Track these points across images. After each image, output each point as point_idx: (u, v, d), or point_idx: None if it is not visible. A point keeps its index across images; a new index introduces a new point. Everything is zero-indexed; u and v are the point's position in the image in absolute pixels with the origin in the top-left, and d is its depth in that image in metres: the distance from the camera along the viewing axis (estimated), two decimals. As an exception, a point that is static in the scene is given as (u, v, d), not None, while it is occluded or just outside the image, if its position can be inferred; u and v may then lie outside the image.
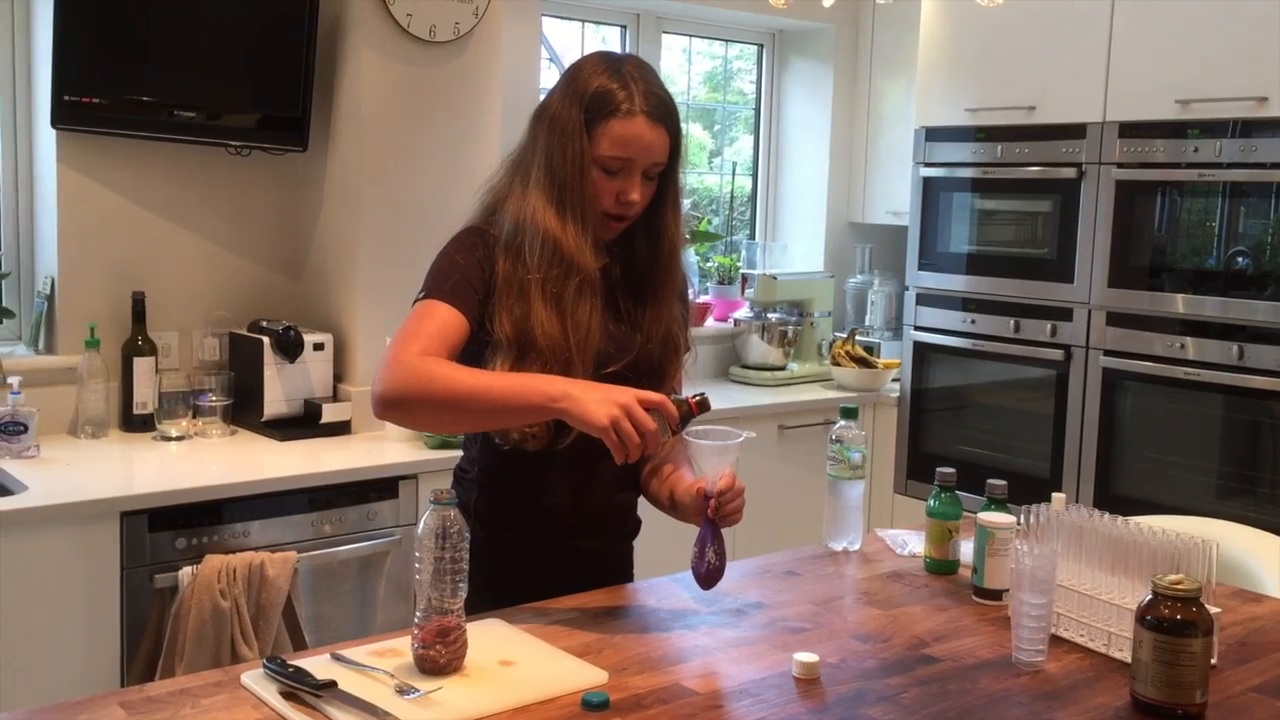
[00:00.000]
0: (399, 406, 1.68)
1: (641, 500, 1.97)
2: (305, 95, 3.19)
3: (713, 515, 1.71)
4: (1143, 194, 3.44)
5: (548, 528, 1.86)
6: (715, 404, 1.71)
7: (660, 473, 1.89)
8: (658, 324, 1.86)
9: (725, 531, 1.74)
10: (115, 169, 3.11)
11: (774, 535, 3.72)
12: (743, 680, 1.55)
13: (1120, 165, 3.47)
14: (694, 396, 1.67)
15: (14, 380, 2.81)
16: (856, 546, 2.12)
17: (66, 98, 2.90)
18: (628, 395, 1.60)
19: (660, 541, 2.08)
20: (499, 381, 1.68)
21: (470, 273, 1.76)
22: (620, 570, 1.98)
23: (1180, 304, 3.36)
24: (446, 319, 1.72)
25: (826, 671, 1.57)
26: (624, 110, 1.74)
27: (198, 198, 3.24)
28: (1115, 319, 3.51)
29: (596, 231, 1.80)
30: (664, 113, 1.77)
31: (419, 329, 1.71)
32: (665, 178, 1.83)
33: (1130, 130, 3.45)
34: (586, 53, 1.84)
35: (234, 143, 3.21)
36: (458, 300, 1.74)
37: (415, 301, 1.77)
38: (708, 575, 1.72)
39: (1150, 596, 1.49)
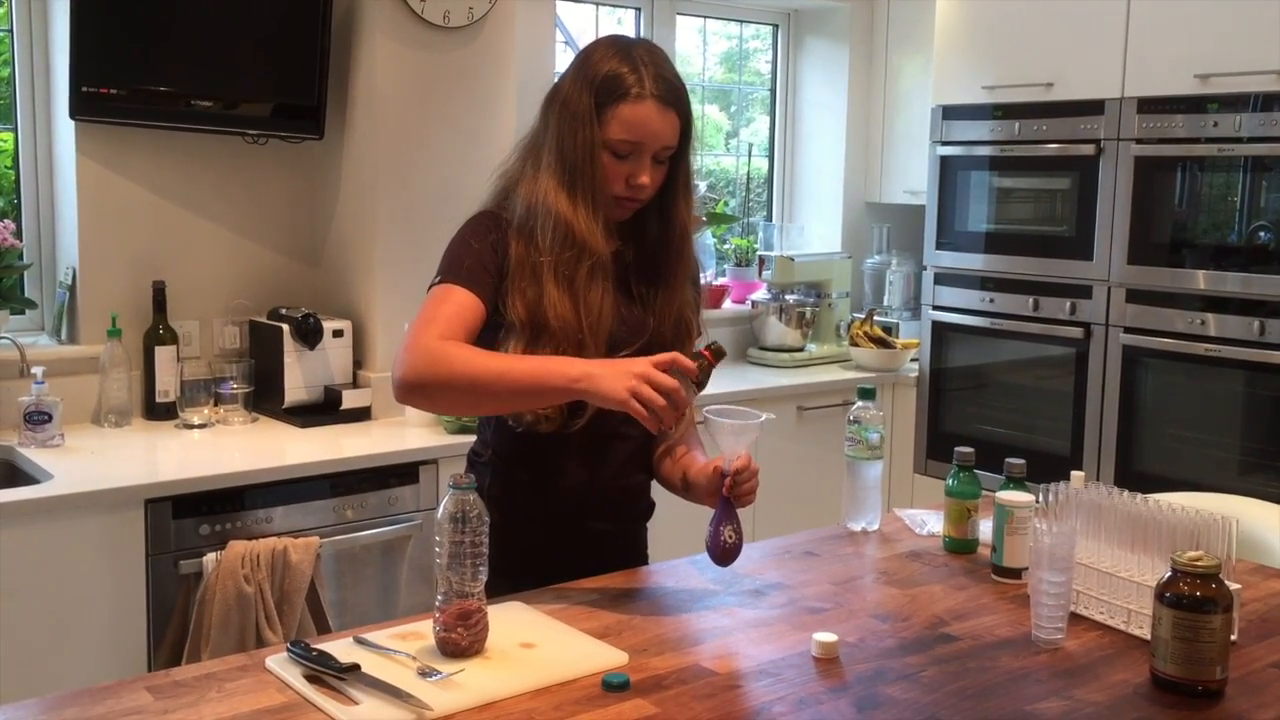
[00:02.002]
0: (420, 391, 1.69)
1: (654, 483, 1.98)
2: (321, 83, 3.19)
3: (728, 493, 1.71)
4: (1162, 170, 3.42)
5: (562, 510, 1.87)
6: (734, 386, 1.72)
7: (673, 454, 1.90)
8: (670, 307, 1.87)
9: (741, 514, 1.75)
10: (134, 159, 3.12)
11: (792, 516, 3.72)
12: (762, 660, 1.55)
13: (1139, 141, 3.44)
14: (707, 346, 1.67)
15: (38, 370, 2.84)
16: (875, 526, 2.12)
17: (85, 89, 2.92)
18: (641, 363, 1.61)
19: (675, 524, 2.08)
20: (518, 364, 1.69)
21: (485, 256, 1.77)
22: (635, 552, 1.99)
23: (1201, 280, 3.34)
24: (463, 303, 1.73)
25: (846, 651, 1.58)
26: (634, 94, 1.74)
27: (216, 187, 3.26)
28: (1135, 296, 3.49)
29: (608, 214, 1.81)
30: (674, 96, 1.78)
31: (436, 314, 1.72)
32: (676, 162, 1.83)
33: (1149, 106, 3.42)
34: (599, 36, 1.84)
35: (251, 131, 3.22)
36: (473, 284, 1.75)
37: (431, 286, 1.78)
38: (724, 552, 1.72)
39: (1170, 573, 1.49)
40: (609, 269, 1.79)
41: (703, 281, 2.03)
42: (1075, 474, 1.88)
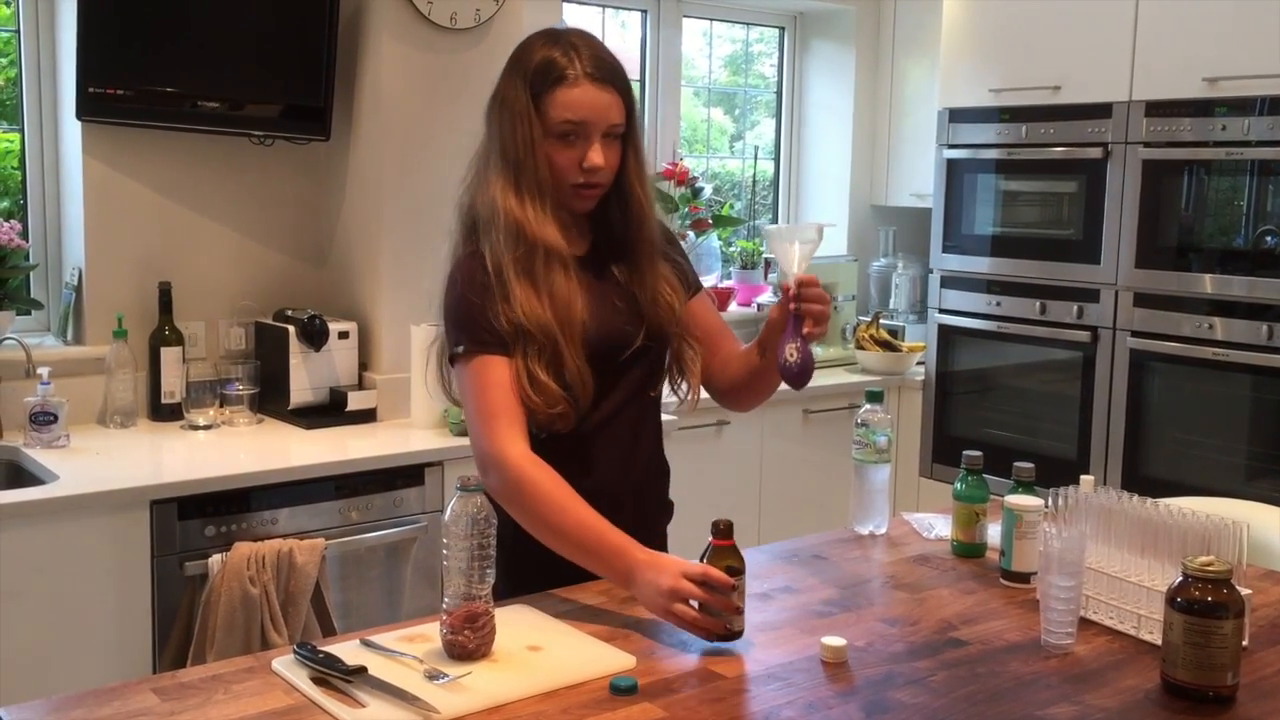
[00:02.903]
0: (504, 508, 1.72)
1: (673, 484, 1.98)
2: (327, 84, 3.19)
3: (792, 307, 1.72)
4: (1169, 173, 3.41)
5: None
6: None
7: (729, 367, 1.97)
8: (645, 288, 1.86)
9: (746, 517, 1.73)
10: (140, 160, 3.12)
11: (800, 519, 3.72)
12: (770, 664, 1.55)
13: (1147, 144, 3.44)
14: (726, 567, 1.58)
15: (43, 371, 2.84)
16: (883, 530, 2.11)
17: (91, 89, 2.92)
18: (670, 578, 1.57)
19: (692, 526, 2.07)
20: (575, 534, 1.69)
21: (490, 306, 1.76)
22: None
23: (1208, 284, 3.33)
24: (503, 376, 1.74)
25: (854, 655, 1.57)
26: (570, 76, 1.74)
27: (222, 188, 3.26)
28: (1142, 300, 3.48)
29: (571, 205, 1.81)
30: (610, 74, 1.77)
31: (490, 402, 1.73)
32: (625, 141, 1.81)
33: (1157, 109, 3.41)
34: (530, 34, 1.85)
35: (257, 132, 3.22)
36: (498, 344, 1.75)
37: (457, 354, 1.78)
38: (793, 373, 1.72)
39: (1181, 578, 1.48)
40: (567, 260, 1.78)
41: (708, 282, 2.02)
42: (1085, 478, 1.87)
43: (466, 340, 1.77)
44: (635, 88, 4.27)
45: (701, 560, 1.59)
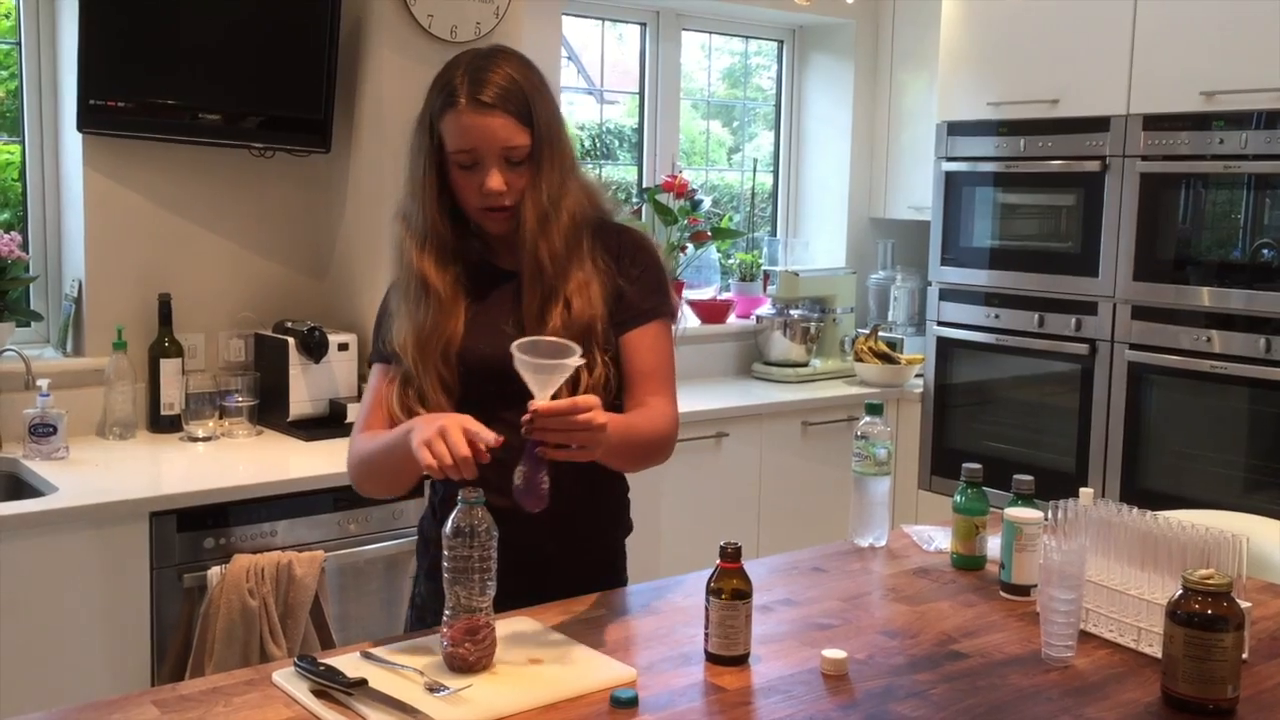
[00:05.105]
0: (359, 489, 1.83)
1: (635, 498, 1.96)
2: (328, 96, 3.20)
3: (524, 434, 1.51)
4: (1167, 187, 3.42)
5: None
6: (739, 400, 1.67)
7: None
8: (531, 311, 1.74)
9: (747, 525, 1.71)
10: (140, 172, 3.13)
11: (799, 532, 3.72)
12: (771, 677, 1.55)
13: (1144, 158, 3.45)
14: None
15: (43, 383, 2.84)
16: (883, 542, 2.12)
17: (92, 101, 2.93)
18: (453, 420, 1.55)
19: (689, 540, 2.08)
20: (384, 441, 1.71)
21: (385, 321, 1.84)
22: (577, 577, 1.85)
23: (1206, 297, 3.34)
24: (380, 383, 1.81)
25: (854, 668, 1.57)
26: (455, 103, 1.72)
27: (222, 200, 3.27)
28: (1140, 313, 3.49)
29: (485, 228, 1.79)
30: (495, 96, 1.70)
31: (364, 406, 1.84)
32: (537, 159, 1.74)
33: (1154, 123, 3.42)
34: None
35: (257, 144, 3.23)
36: (383, 357, 1.83)
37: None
38: (518, 494, 1.54)
39: (1181, 591, 1.48)
40: (443, 292, 1.76)
41: (705, 295, 1.97)
42: (1084, 491, 1.88)
43: (372, 349, 1.88)
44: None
45: (709, 583, 1.58)
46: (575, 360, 1.51)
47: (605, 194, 1.89)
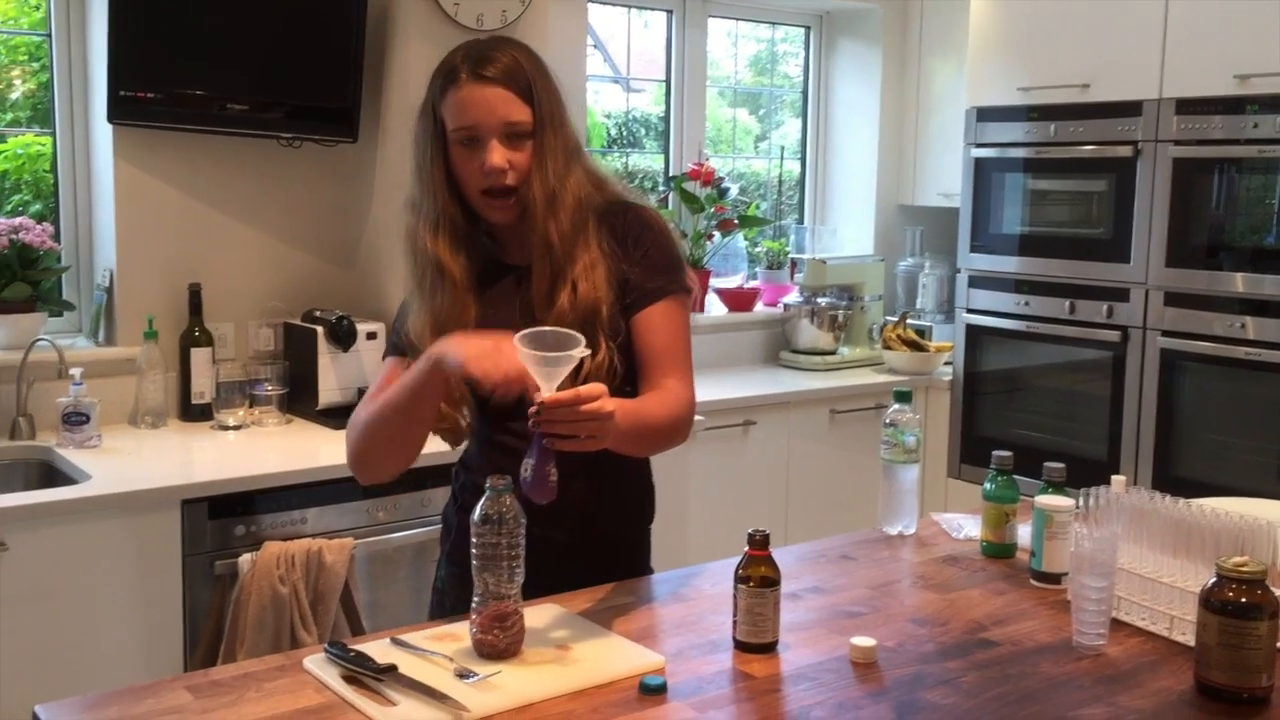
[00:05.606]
0: (359, 468, 1.78)
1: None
2: (355, 86, 3.21)
3: (531, 424, 1.48)
4: (1200, 171, 3.38)
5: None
6: (766, 389, 1.66)
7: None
8: (539, 300, 1.72)
9: (773, 513, 1.71)
10: (170, 162, 3.15)
11: (827, 520, 3.71)
12: (800, 664, 1.54)
13: (1177, 143, 3.41)
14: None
15: (76, 372, 2.86)
16: (912, 530, 2.11)
17: (122, 93, 2.95)
18: (493, 337, 1.54)
19: (717, 528, 2.07)
20: (395, 388, 1.69)
21: (403, 316, 1.82)
22: (596, 566, 1.84)
23: (1239, 283, 3.30)
24: (393, 373, 1.77)
25: (884, 655, 1.57)
26: (457, 79, 1.71)
27: (251, 190, 3.28)
28: (1173, 299, 3.45)
29: (488, 218, 1.77)
30: (497, 71, 1.70)
31: (368, 396, 1.78)
32: (540, 140, 1.72)
33: (1187, 107, 3.38)
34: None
35: (285, 134, 3.24)
36: (398, 350, 1.81)
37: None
38: (526, 487, 1.51)
39: (1214, 579, 1.47)
40: (458, 280, 1.74)
41: (731, 283, 1.95)
42: (1116, 478, 1.86)
43: (387, 344, 1.86)
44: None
45: (737, 570, 1.58)
46: (580, 351, 1.49)
47: (613, 179, 1.87)
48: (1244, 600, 1.43)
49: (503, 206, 1.74)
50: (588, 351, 1.52)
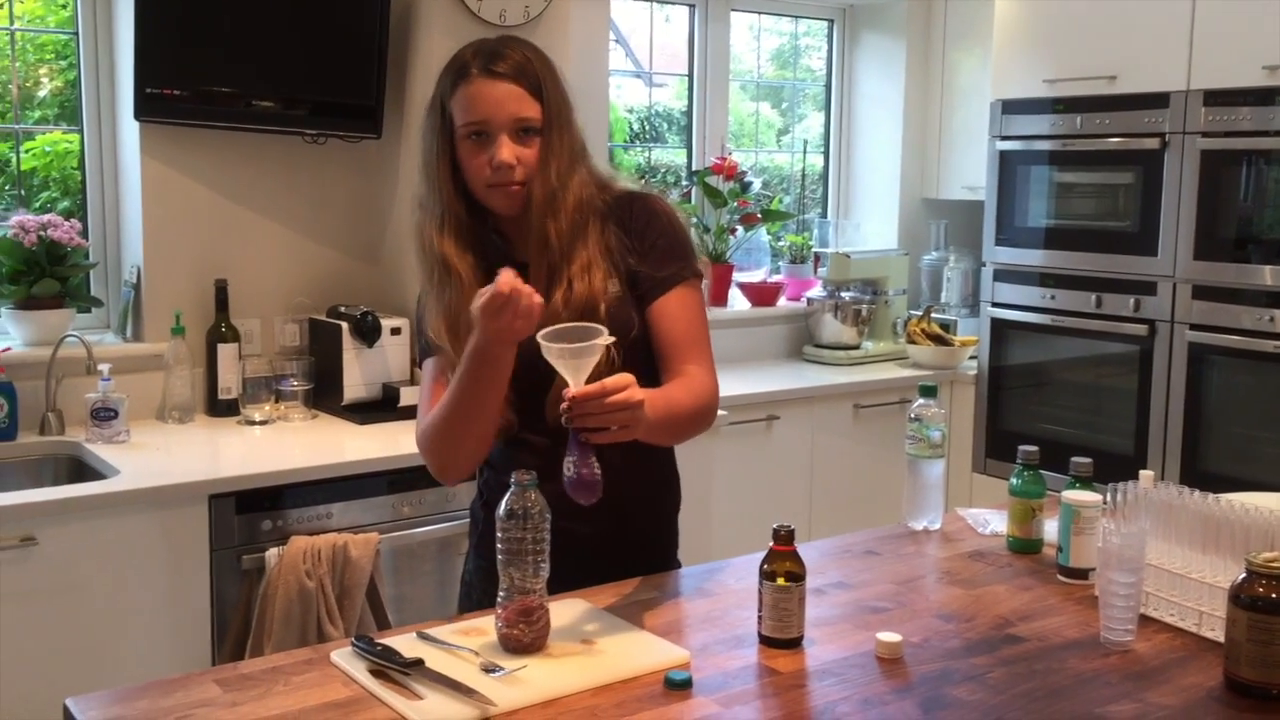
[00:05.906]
0: (443, 475, 1.79)
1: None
2: (379, 82, 3.22)
3: (564, 422, 1.50)
4: (1228, 164, 3.35)
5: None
6: (790, 383, 1.65)
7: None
8: (549, 296, 1.71)
9: (797, 509, 1.71)
10: (196, 159, 3.17)
11: (852, 514, 3.70)
12: (825, 660, 1.54)
13: (1205, 135, 3.38)
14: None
15: (104, 367, 2.89)
16: (937, 525, 2.10)
17: (148, 90, 2.97)
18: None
19: (741, 522, 2.07)
20: (444, 403, 1.70)
21: (424, 316, 1.82)
22: (620, 557, 1.85)
23: (1268, 276, 3.27)
24: (437, 379, 1.78)
25: (910, 651, 1.56)
26: (468, 75, 1.72)
27: (276, 186, 3.30)
28: (1201, 292, 3.43)
29: (494, 209, 1.77)
30: (508, 68, 1.72)
31: (422, 398, 1.81)
32: (547, 139, 1.74)
33: (1215, 99, 3.35)
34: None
35: (310, 131, 3.25)
36: (430, 350, 1.81)
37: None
38: (571, 486, 1.52)
39: (1244, 575, 1.45)
40: (461, 274, 1.75)
41: (754, 277, 1.94)
42: (1144, 473, 1.85)
43: (422, 343, 1.85)
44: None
45: (762, 565, 1.58)
46: (603, 340, 1.50)
47: (619, 179, 1.87)
48: (1274, 596, 1.42)
49: (511, 197, 1.75)
50: (612, 339, 1.53)
